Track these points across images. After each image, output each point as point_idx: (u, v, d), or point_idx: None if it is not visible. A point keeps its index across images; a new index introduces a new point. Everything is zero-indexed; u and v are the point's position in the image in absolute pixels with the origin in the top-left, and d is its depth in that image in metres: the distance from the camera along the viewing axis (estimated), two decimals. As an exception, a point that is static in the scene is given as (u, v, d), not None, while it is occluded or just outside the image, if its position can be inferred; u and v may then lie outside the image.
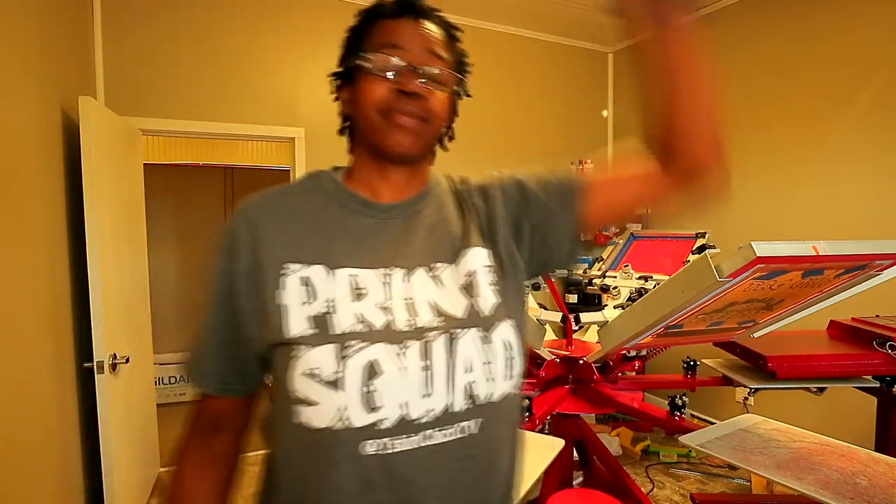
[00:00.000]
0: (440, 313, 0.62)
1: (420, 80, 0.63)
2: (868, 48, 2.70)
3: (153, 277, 2.96)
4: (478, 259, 0.67)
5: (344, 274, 0.61)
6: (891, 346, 1.67)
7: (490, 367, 0.61)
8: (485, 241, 0.70)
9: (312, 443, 0.57)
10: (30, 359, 1.64)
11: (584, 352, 1.98)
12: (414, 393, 0.57)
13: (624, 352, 1.88)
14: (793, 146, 3.05)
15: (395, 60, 0.63)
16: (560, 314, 1.91)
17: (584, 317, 1.82)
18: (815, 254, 1.10)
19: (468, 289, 0.64)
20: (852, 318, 1.96)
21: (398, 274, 0.63)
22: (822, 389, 1.84)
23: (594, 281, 2.57)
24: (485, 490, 0.63)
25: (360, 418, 0.55)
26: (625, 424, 3.31)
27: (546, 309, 2.01)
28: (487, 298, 0.64)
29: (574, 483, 2.18)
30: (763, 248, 1.06)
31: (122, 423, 2.18)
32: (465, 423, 0.60)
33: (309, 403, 0.56)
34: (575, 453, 2.10)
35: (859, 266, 1.26)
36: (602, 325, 1.69)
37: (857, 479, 1.17)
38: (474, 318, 0.62)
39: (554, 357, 1.95)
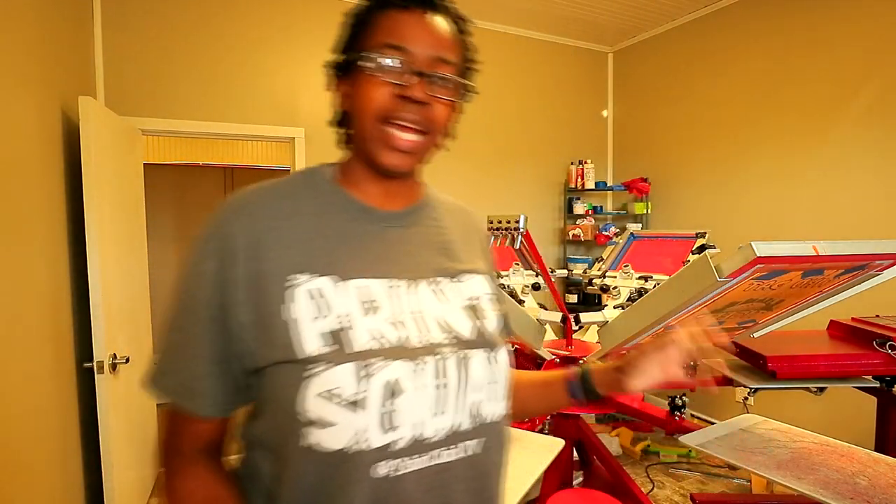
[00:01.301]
0: (448, 330, 0.61)
1: (427, 87, 0.58)
2: (868, 49, 2.70)
3: (153, 277, 2.96)
4: (483, 286, 0.68)
5: (354, 285, 0.58)
6: (891, 346, 1.66)
7: (495, 387, 0.62)
8: (489, 271, 0.73)
9: (324, 465, 0.53)
10: (30, 359, 1.64)
11: (584, 352, 1.98)
12: (428, 412, 0.56)
13: (624, 352, 1.88)
14: (793, 146, 3.05)
15: (399, 63, 0.57)
16: (560, 314, 1.91)
17: (584, 317, 1.82)
18: (815, 254, 1.10)
19: (474, 310, 0.65)
20: (852, 318, 1.95)
21: (403, 286, 0.61)
22: (822, 389, 1.83)
23: (594, 281, 2.57)
24: None
25: (377, 439, 0.53)
26: (625, 424, 3.31)
27: (546, 309, 2.01)
28: (492, 322, 0.66)
29: (574, 483, 2.18)
30: (763, 248, 1.06)
31: (122, 423, 2.18)
32: (469, 443, 0.59)
33: (323, 425, 0.52)
34: (575, 453, 2.10)
35: (859, 266, 1.26)
36: (602, 325, 1.69)
37: (857, 479, 1.17)
38: (482, 339, 0.63)
39: (554, 357, 1.94)
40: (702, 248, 2.35)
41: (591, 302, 3.93)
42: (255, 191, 0.61)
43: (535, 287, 2.33)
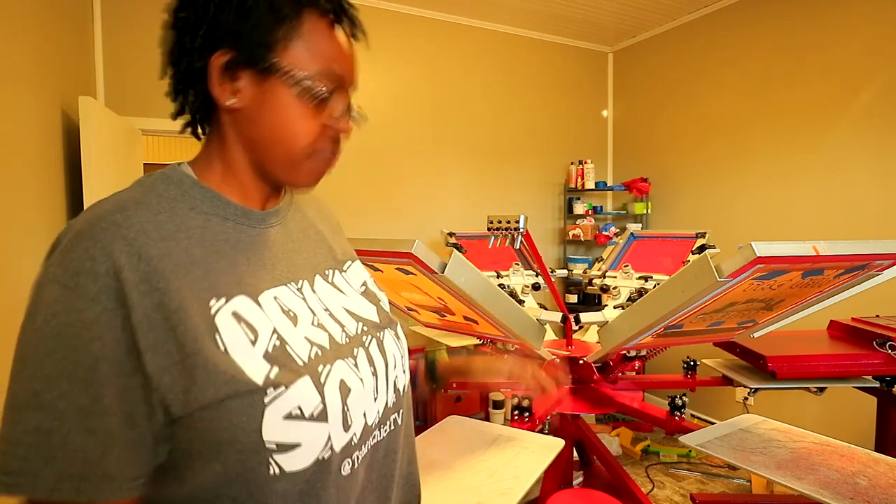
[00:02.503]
0: (359, 318, 0.63)
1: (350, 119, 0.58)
2: (868, 49, 2.70)
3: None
4: (363, 271, 0.72)
5: (268, 298, 0.53)
6: (891, 346, 1.67)
7: (403, 360, 0.67)
8: (355, 255, 0.75)
9: (298, 483, 0.50)
10: (30, 359, 1.64)
11: (584, 352, 1.98)
12: (369, 399, 0.58)
13: (624, 352, 1.88)
14: (793, 146, 3.05)
15: (336, 97, 0.55)
16: (560, 314, 1.91)
17: (584, 317, 1.82)
18: (815, 254, 1.10)
19: (368, 294, 0.69)
20: (852, 318, 1.96)
21: (305, 285, 0.59)
22: (822, 389, 1.84)
23: (594, 281, 2.57)
24: (409, 468, 0.69)
25: (340, 441, 0.53)
26: (625, 424, 3.31)
27: (546, 309, 2.01)
28: (384, 303, 0.70)
29: (574, 483, 2.18)
30: (763, 248, 1.06)
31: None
32: (393, 416, 0.63)
33: (292, 446, 0.48)
34: (575, 453, 2.10)
35: (859, 266, 1.26)
36: (602, 325, 1.69)
37: (857, 479, 1.17)
38: (385, 320, 0.67)
39: (554, 357, 1.95)
40: (702, 248, 2.35)
41: (591, 302, 3.93)
42: (119, 209, 0.48)
43: (535, 287, 2.33)
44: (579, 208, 4.08)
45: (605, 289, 2.38)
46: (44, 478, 0.42)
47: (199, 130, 0.60)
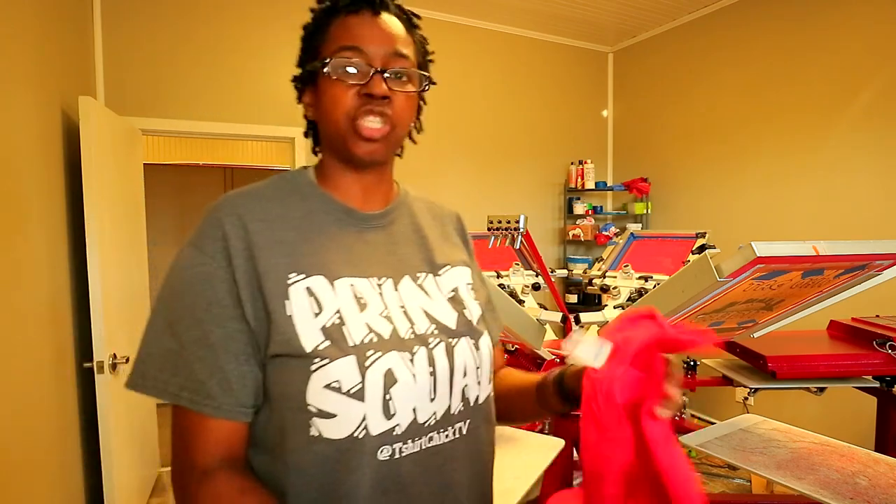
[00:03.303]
0: (433, 321, 0.65)
1: (385, 80, 0.61)
2: (868, 49, 2.70)
3: (153, 277, 2.96)
4: (462, 277, 0.72)
5: (344, 284, 0.60)
6: (891, 346, 1.66)
7: (479, 371, 0.66)
8: (469, 262, 0.76)
9: (329, 453, 0.55)
10: (30, 359, 1.64)
11: (584, 352, 1.97)
12: (423, 398, 0.60)
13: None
14: (793, 146, 3.05)
15: (357, 63, 0.60)
16: (560, 314, 1.90)
17: (584, 317, 1.82)
18: (815, 254, 1.10)
19: (455, 301, 0.69)
20: (852, 318, 1.95)
21: (388, 283, 0.64)
22: (822, 389, 1.83)
23: (594, 281, 2.57)
24: (477, 484, 0.67)
25: (378, 426, 0.56)
26: (625, 424, 3.31)
27: (546, 309, 2.01)
28: (474, 311, 0.70)
29: (574, 483, 2.18)
30: (763, 248, 1.06)
31: (122, 423, 2.18)
32: (459, 425, 0.63)
33: (327, 416, 0.55)
34: (575, 453, 2.10)
35: (859, 266, 1.26)
36: (602, 325, 1.69)
37: (857, 479, 1.17)
38: (465, 328, 0.67)
39: (554, 357, 1.94)
40: (702, 248, 2.35)
41: (591, 302, 3.93)
42: (240, 195, 0.63)
43: (535, 287, 2.33)
44: (579, 208, 4.08)
45: (605, 289, 2.38)
46: (170, 386, 0.56)
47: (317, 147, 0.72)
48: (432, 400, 0.61)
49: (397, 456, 0.58)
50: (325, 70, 0.61)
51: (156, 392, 0.57)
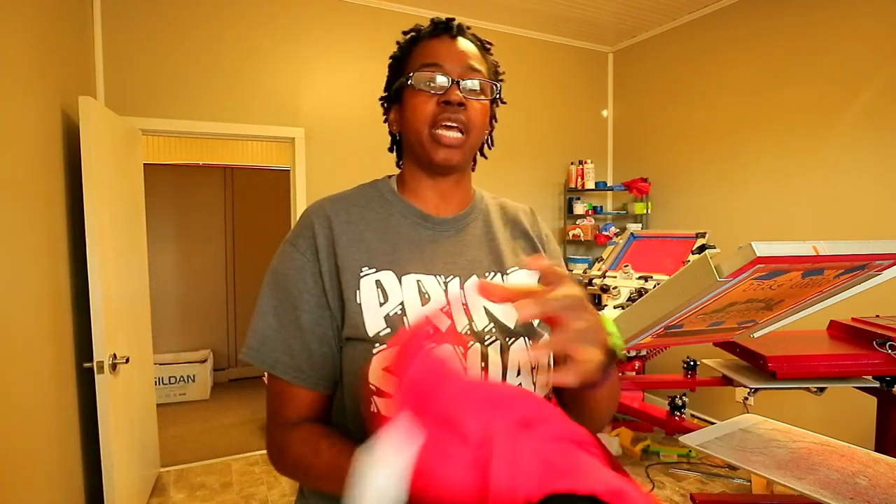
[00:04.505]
0: (493, 319, 0.68)
1: (461, 91, 0.69)
2: (869, 49, 2.70)
3: (153, 277, 2.96)
4: (527, 280, 0.75)
5: (411, 279, 0.67)
6: (891, 346, 1.66)
7: (534, 372, 0.69)
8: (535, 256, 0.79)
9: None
10: (30, 359, 1.64)
11: (584, 352, 1.97)
12: None
13: (624, 352, 1.87)
14: (793, 146, 3.05)
15: (438, 76, 0.69)
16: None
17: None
18: (815, 254, 1.10)
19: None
20: (852, 318, 1.95)
21: (454, 281, 0.70)
22: (822, 389, 1.83)
23: (594, 281, 2.57)
24: None
25: None
26: (625, 424, 3.31)
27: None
28: None
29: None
30: (763, 248, 1.05)
31: (122, 423, 2.18)
32: None
33: (384, 395, 0.61)
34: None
35: (859, 266, 1.26)
36: (602, 325, 1.68)
37: (857, 479, 1.17)
38: (524, 328, 0.70)
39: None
40: (702, 248, 2.35)
41: (592, 302, 3.92)
42: (330, 199, 0.73)
43: (535, 287, 2.32)
44: (579, 208, 4.08)
45: (605, 289, 2.38)
46: (268, 356, 0.67)
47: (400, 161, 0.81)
48: None
49: None
50: (409, 83, 0.70)
51: (259, 362, 0.67)
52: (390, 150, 0.81)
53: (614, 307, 2.13)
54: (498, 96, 0.76)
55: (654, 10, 3.59)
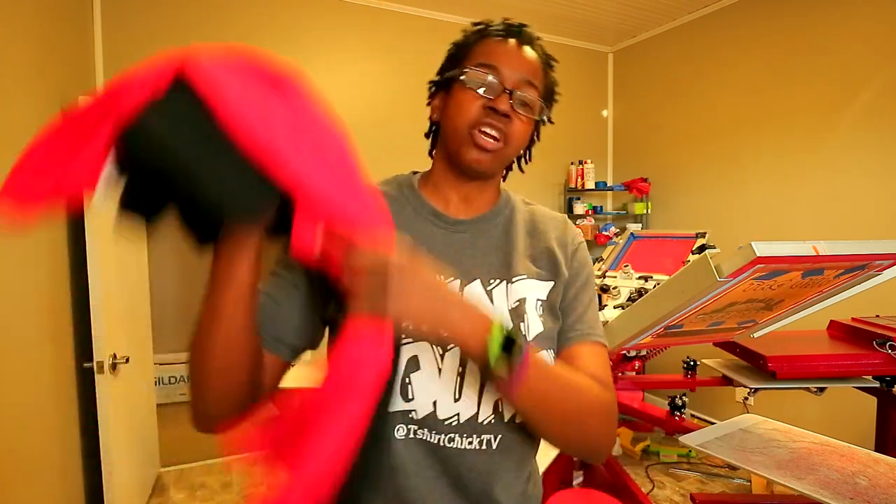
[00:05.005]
0: None
1: (511, 102, 0.65)
2: (869, 49, 2.70)
3: (153, 277, 2.96)
4: (534, 290, 0.69)
5: None
6: (891, 346, 1.66)
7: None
8: (554, 277, 0.72)
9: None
10: (30, 359, 1.64)
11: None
12: (445, 395, 0.62)
13: (624, 352, 1.88)
14: (793, 146, 3.05)
15: (491, 79, 0.66)
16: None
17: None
18: (815, 254, 1.10)
19: (516, 312, 0.67)
20: (852, 318, 1.95)
21: (454, 284, 0.67)
22: (822, 389, 1.83)
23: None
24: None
25: (395, 404, 0.61)
26: (625, 424, 3.31)
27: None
28: (532, 326, 0.67)
29: (574, 483, 2.18)
30: (763, 248, 1.05)
31: (122, 423, 2.18)
32: (487, 437, 0.63)
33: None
34: (575, 453, 2.10)
35: (859, 266, 1.26)
36: (602, 325, 1.68)
37: (857, 479, 1.17)
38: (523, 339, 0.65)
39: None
40: (702, 248, 2.35)
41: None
42: None
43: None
44: (579, 208, 4.08)
45: (605, 289, 2.38)
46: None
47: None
48: (456, 400, 0.62)
49: (412, 436, 0.61)
50: (461, 78, 0.67)
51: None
52: (427, 135, 0.77)
53: (614, 307, 2.13)
54: (546, 118, 0.73)
55: (654, 10, 3.59)
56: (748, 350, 1.78)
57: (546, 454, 1.38)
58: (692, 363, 2.03)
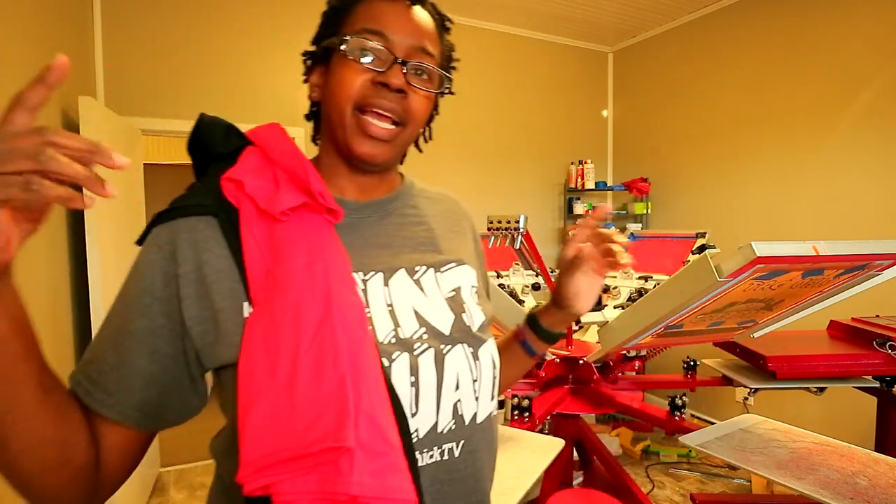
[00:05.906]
0: (424, 323, 0.56)
1: (404, 73, 0.56)
2: (869, 49, 2.70)
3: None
4: (467, 277, 0.64)
5: None
6: (891, 346, 1.66)
7: (477, 385, 0.57)
8: (476, 265, 0.69)
9: None
10: (30, 359, 1.64)
11: (584, 352, 1.98)
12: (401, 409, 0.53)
13: (624, 352, 1.88)
14: (793, 146, 3.05)
15: (379, 48, 0.55)
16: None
17: (584, 317, 1.82)
18: (815, 254, 1.10)
19: (454, 301, 0.60)
20: (852, 318, 1.95)
21: (377, 278, 0.57)
22: (822, 389, 1.83)
23: (594, 281, 2.56)
24: None
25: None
26: (625, 424, 3.31)
27: (546, 309, 2.01)
28: (475, 316, 0.61)
29: (574, 483, 2.18)
30: (763, 248, 1.05)
31: (122, 423, 2.18)
32: (448, 445, 0.55)
33: None
34: (575, 453, 2.10)
35: (859, 266, 1.26)
36: (602, 325, 1.69)
37: (857, 479, 1.17)
38: (462, 334, 0.58)
39: (554, 357, 1.94)
40: (702, 248, 2.35)
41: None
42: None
43: (536, 287, 2.33)
44: (579, 208, 4.08)
45: (605, 289, 2.38)
46: (77, 371, 0.53)
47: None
48: (413, 415, 0.52)
49: None
50: (341, 48, 0.55)
51: (71, 377, 0.53)
52: (307, 118, 0.65)
53: (614, 307, 2.13)
54: (448, 88, 0.62)
55: (654, 10, 3.59)
56: (748, 350, 1.78)
57: (546, 455, 1.38)
58: (692, 363, 2.03)
